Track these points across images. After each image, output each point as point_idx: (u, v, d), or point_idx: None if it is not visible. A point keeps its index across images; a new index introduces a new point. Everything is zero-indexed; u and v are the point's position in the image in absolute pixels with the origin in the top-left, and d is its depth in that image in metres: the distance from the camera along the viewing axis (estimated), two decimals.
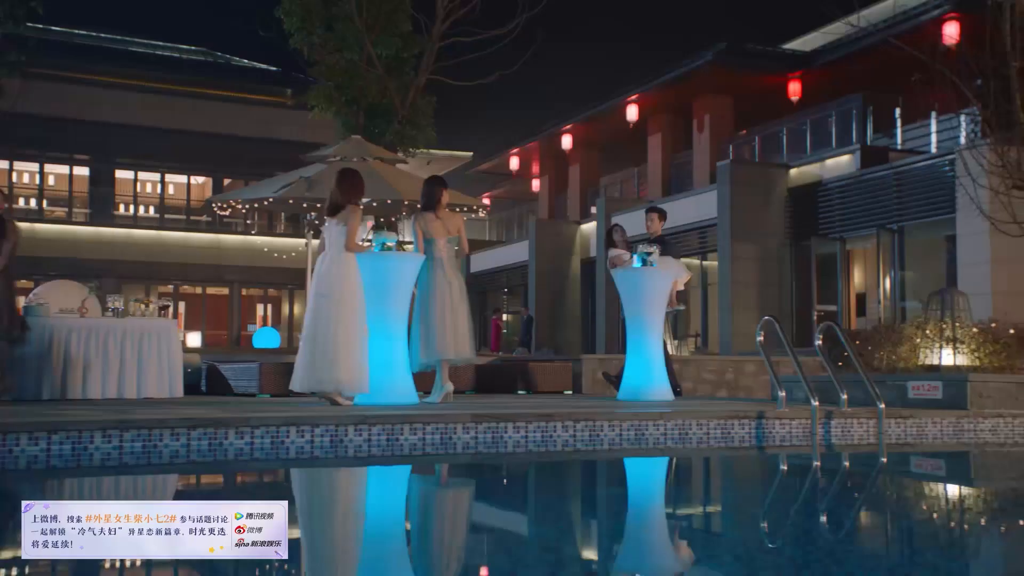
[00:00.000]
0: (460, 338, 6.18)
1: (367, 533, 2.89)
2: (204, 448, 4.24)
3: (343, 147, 8.24)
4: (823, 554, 2.46)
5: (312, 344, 5.69)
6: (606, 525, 3.16)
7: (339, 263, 5.81)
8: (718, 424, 5.02)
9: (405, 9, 12.08)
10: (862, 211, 15.42)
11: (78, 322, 7.15)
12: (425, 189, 6.33)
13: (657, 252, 6.90)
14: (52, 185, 25.30)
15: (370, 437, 4.51)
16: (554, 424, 4.80)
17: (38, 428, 3.98)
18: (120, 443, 4.10)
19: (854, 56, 17.33)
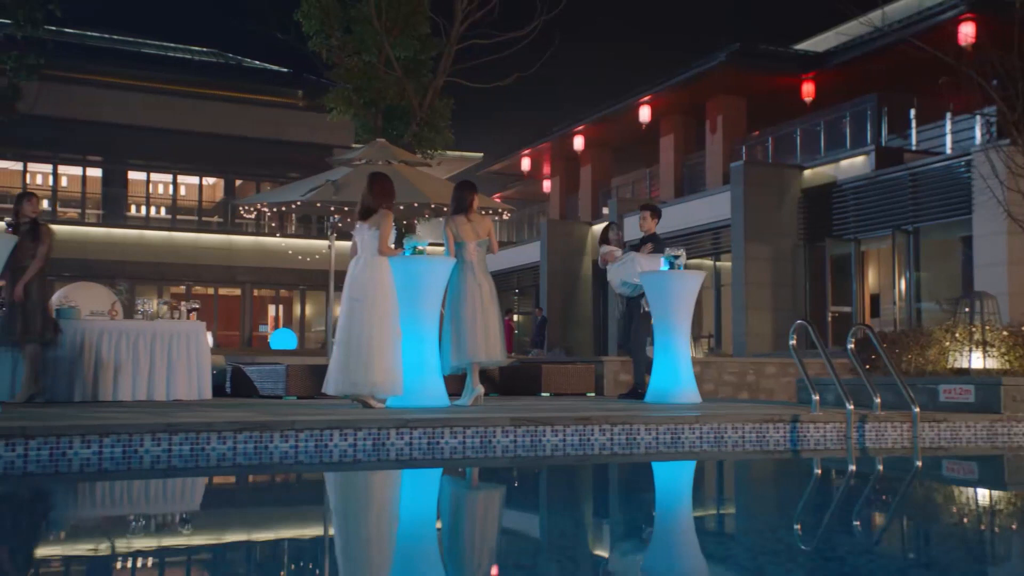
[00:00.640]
0: (491, 341, 6.22)
1: (424, 537, 2.93)
2: (250, 451, 4.29)
3: (368, 150, 8.29)
4: (883, 561, 2.49)
5: (346, 347, 5.74)
6: (657, 529, 3.19)
7: (372, 267, 5.86)
8: (753, 428, 5.05)
9: (423, 12, 12.13)
10: (877, 212, 15.41)
11: (109, 324, 7.22)
12: (456, 193, 6.37)
13: (684, 255, 6.92)
14: (65, 186, 25.44)
15: (411, 440, 4.56)
16: (591, 428, 4.83)
17: (90, 431, 4.03)
18: (169, 446, 4.15)
19: (868, 57, 17.32)
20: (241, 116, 25.43)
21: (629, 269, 7.21)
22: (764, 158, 18.59)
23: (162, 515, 3.40)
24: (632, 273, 7.18)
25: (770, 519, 3.27)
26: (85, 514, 3.42)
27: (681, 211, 18.91)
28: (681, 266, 6.86)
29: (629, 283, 7.27)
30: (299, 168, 26.56)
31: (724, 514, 3.46)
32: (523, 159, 24.80)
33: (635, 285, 7.24)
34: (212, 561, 2.59)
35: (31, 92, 15.77)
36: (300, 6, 12.13)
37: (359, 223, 6.00)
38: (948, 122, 15.85)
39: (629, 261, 7.26)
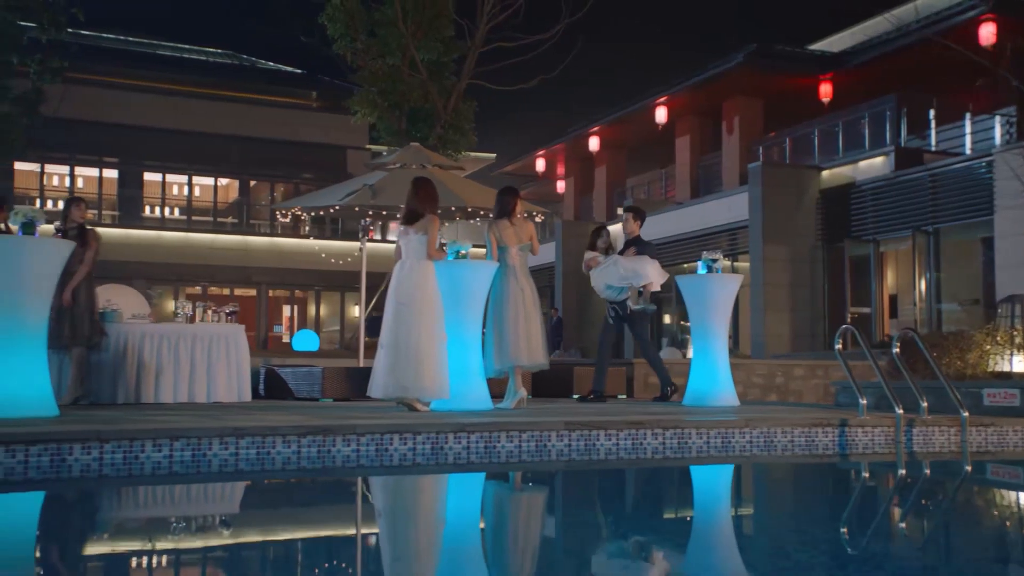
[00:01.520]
0: (533, 344, 6.28)
1: (502, 540, 2.99)
2: (314, 455, 4.35)
3: (402, 154, 8.35)
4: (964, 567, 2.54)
5: (394, 351, 5.79)
6: (724, 532, 3.24)
7: (418, 271, 5.92)
8: (802, 432, 5.09)
9: (448, 14, 12.19)
10: (897, 213, 15.42)
11: (150, 327, 7.30)
12: (499, 198, 6.42)
13: (722, 259, 6.96)
14: (81, 187, 25.60)
15: (469, 444, 4.61)
16: (644, 432, 4.88)
17: (161, 435, 4.10)
18: (236, 450, 4.22)
19: (887, 57, 17.31)
20: (255, 117, 25.55)
21: (611, 272, 7.22)
22: (781, 159, 18.60)
23: (244, 517, 3.47)
24: (615, 276, 7.18)
25: (844, 525, 3.31)
26: (174, 516, 3.49)
27: (698, 212, 18.93)
28: (719, 269, 6.91)
29: (613, 287, 7.27)
30: (313, 169, 26.73)
31: (796, 519, 3.51)
32: (537, 160, 24.85)
33: (619, 288, 7.24)
34: (300, 559, 2.65)
35: (55, 95, 15.89)
36: (325, 10, 12.20)
37: (403, 227, 6.05)
38: (968, 122, 15.85)
39: (611, 264, 7.26)
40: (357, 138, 26.24)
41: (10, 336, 5.06)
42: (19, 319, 5.07)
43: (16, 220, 5.15)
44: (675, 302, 20.32)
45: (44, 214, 5.24)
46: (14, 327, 5.07)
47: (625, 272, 7.11)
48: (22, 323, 5.09)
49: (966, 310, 14.63)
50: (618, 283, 7.19)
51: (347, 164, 26.68)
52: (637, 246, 7.44)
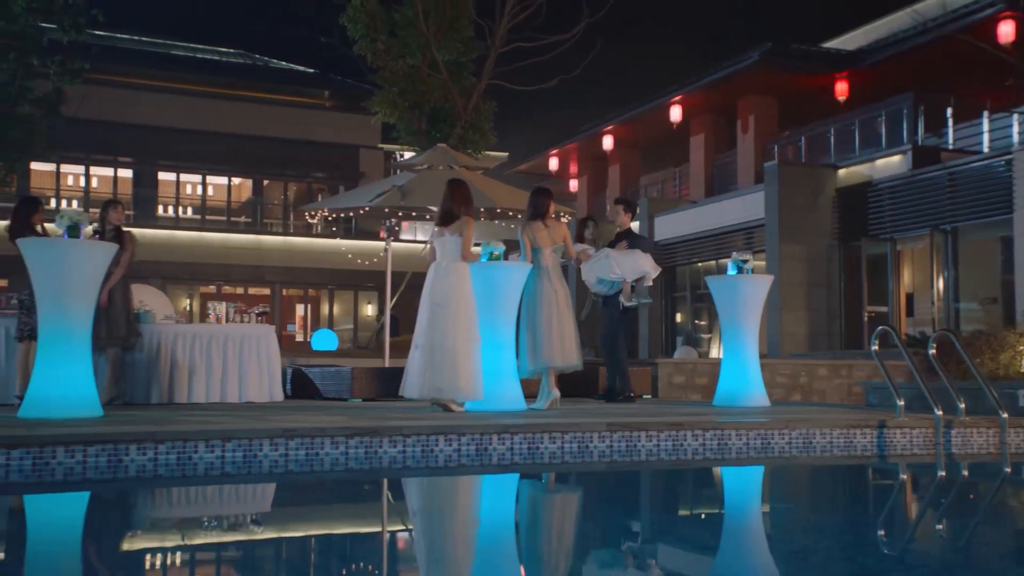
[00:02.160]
0: (567, 345, 6.31)
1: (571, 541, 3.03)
2: (361, 456, 4.40)
3: (430, 155, 8.39)
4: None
5: (429, 352, 5.83)
6: (776, 534, 3.28)
7: (454, 273, 5.96)
8: (841, 433, 5.11)
9: (468, 15, 12.22)
10: (914, 212, 15.38)
11: (183, 328, 7.37)
12: (532, 200, 6.46)
13: (752, 260, 6.97)
14: (96, 187, 25.75)
15: (512, 446, 4.66)
16: (684, 433, 4.92)
17: (214, 436, 4.16)
18: (286, 451, 4.27)
19: (903, 55, 17.25)
20: (268, 117, 25.64)
21: (604, 266, 7.04)
22: (796, 158, 18.57)
23: (300, 516, 3.52)
24: (607, 269, 7.01)
25: (900, 529, 3.34)
26: (236, 515, 3.54)
27: (714, 211, 18.92)
28: (749, 270, 6.93)
29: (606, 280, 7.09)
30: (326, 168, 26.81)
31: (851, 522, 3.54)
32: (551, 158, 24.86)
33: (611, 282, 7.08)
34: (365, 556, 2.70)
35: (76, 96, 15.99)
36: (345, 11, 12.25)
37: (439, 229, 6.09)
38: (985, 121, 15.79)
39: (603, 258, 7.06)
40: (370, 137, 26.30)
41: (58, 338, 5.13)
42: (66, 321, 5.14)
43: (62, 223, 5.21)
44: (690, 300, 20.33)
45: (88, 217, 5.30)
46: (61, 329, 5.13)
47: (620, 267, 6.91)
48: (69, 325, 5.15)
49: (985, 309, 14.59)
50: (611, 277, 7.01)
51: (359, 163, 26.76)
52: (629, 239, 7.28)
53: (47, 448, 3.85)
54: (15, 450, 3.80)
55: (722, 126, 20.86)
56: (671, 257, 20.17)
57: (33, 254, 5.22)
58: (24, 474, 3.81)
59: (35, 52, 14.69)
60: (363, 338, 24.69)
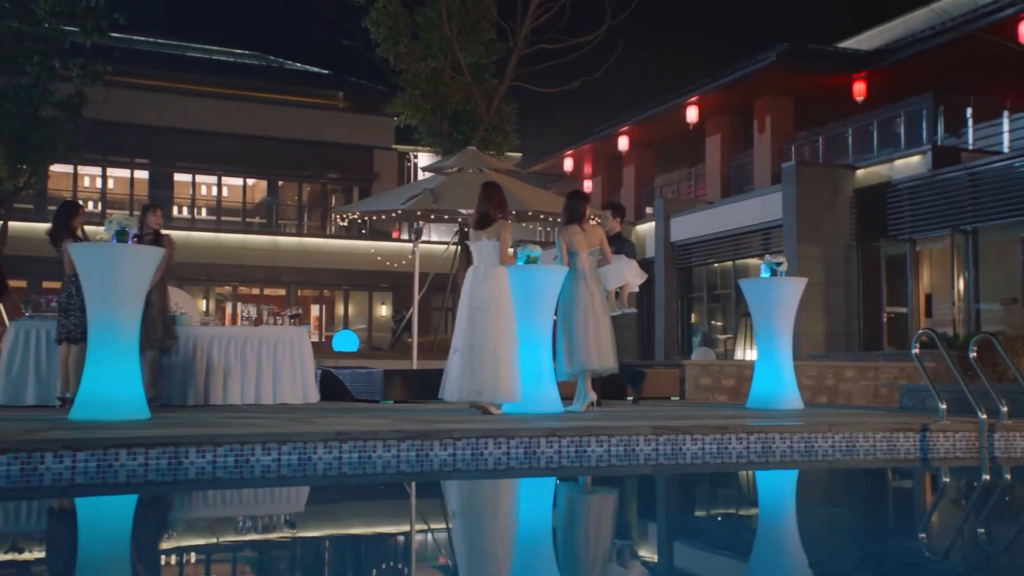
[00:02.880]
0: (603, 348, 6.34)
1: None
2: (412, 459, 4.45)
3: (460, 158, 8.44)
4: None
5: (469, 355, 5.87)
6: (835, 537, 3.30)
7: (493, 276, 6.00)
8: (884, 437, 5.13)
9: (490, 17, 12.26)
10: (934, 212, 15.34)
11: (218, 330, 7.43)
12: (568, 203, 6.49)
13: (786, 263, 6.99)
14: (112, 188, 25.93)
15: (560, 449, 4.69)
16: (728, 436, 4.95)
17: (270, 439, 4.21)
18: (340, 454, 4.32)
19: (922, 55, 17.20)
20: (283, 118, 25.75)
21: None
22: (813, 158, 18.54)
23: (364, 517, 3.57)
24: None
25: (963, 533, 3.36)
26: (312, 518, 3.60)
27: (730, 211, 18.91)
28: (783, 273, 6.94)
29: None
30: (340, 169, 26.90)
31: (909, 527, 3.56)
32: (565, 159, 24.89)
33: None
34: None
35: (98, 98, 16.11)
36: (368, 14, 12.31)
37: (476, 232, 6.13)
38: (1006, 120, 15.74)
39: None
40: (384, 138, 26.39)
41: (107, 341, 5.19)
42: (115, 325, 5.21)
43: (110, 228, 5.27)
44: (706, 301, 20.32)
45: (136, 222, 5.37)
46: (111, 333, 5.20)
47: (603, 275, 6.63)
48: (118, 329, 5.22)
49: (1006, 310, 14.54)
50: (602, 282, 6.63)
51: (374, 164, 26.84)
52: (616, 243, 7.01)
53: (111, 451, 3.91)
54: (80, 452, 3.86)
55: (738, 126, 20.84)
56: (687, 258, 20.17)
57: (83, 259, 5.29)
58: (89, 476, 3.87)
59: (58, 55, 14.82)
60: (377, 339, 24.76)
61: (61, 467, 3.83)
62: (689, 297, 20.67)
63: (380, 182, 26.69)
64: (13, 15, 14.04)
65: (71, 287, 6.51)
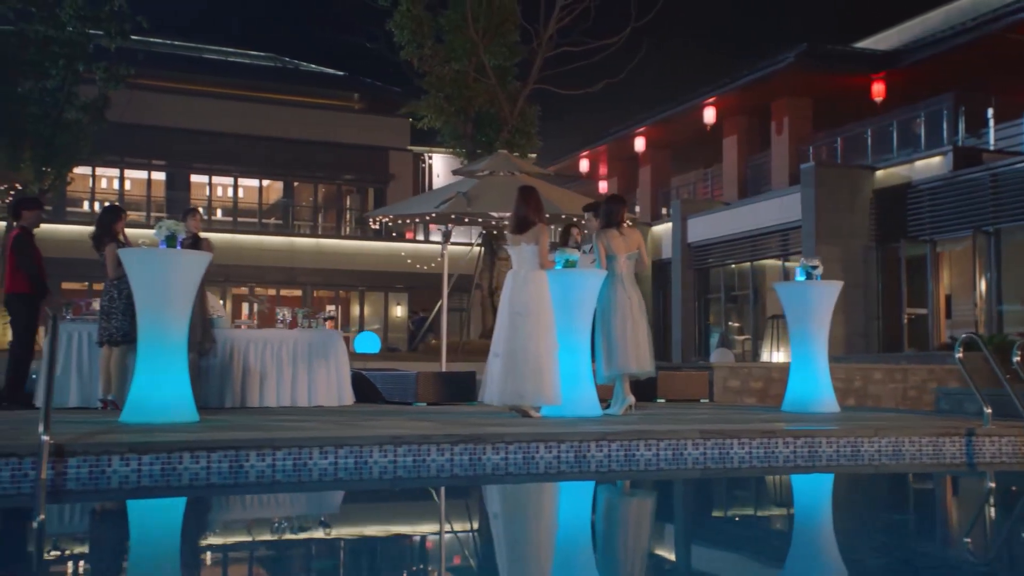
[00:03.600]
0: (641, 352, 6.37)
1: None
2: (465, 463, 4.49)
3: (491, 161, 8.48)
4: None
5: (510, 359, 5.91)
6: (911, 544, 3.32)
7: (532, 281, 6.03)
8: (930, 441, 5.14)
9: (514, 20, 12.30)
10: (955, 213, 15.28)
11: (254, 333, 7.49)
12: (606, 207, 6.52)
13: (822, 267, 7.01)
14: (129, 190, 26.10)
15: (609, 453, 4.73)
16: (775, 441, 4.97)
17: (327, 443, 4.26)
18: (394, 457, 4.37)
19: (943, 55, 17.13)
20: (298, 119, 25.87)
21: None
22: (831, 159, 18.50)
23: (423, 520, 3.61)
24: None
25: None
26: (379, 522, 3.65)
27: (748, 212, 18.89)
28: (819, 276, 6.96)
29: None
30: (355, 170, 27.00)
31: (979, 534, 3.58)
32: (581, 160, 24.90)
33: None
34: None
35: (121, 101, 16.25)
36: (393, 17, 12.36)
37: (514, 236, 6.16)
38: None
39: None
40: (399, 139, 26.47)
41: (158, 346, 5.26)
42: (165, 329, 5.27)
43: (160, 233, 5.34)
44: (723, 302, 20.31)
45: (185, 227, 5.43)
46: (161, 337, 5.27)
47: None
48: (168, 333, 5.28)
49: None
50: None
51: (389, 165, 26.93)
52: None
53: (175, 454, 3.97)
54: (146, 455, 3.92)
55: (755, 127, 20.81)
56: (704, 259, 20.15)
57: (134, 264, 5.35)
58: (154, 479, 3.93)
59: (82, 59, 14.96)
60: (393, 339, 24.84)
61: (127, 470, 3.89)
62: (706, 298, 20.66)
63: (395, 183, 26.78)
64: (40, 20, 14.18)
65: (113, 291, 6.59)
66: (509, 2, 12.15)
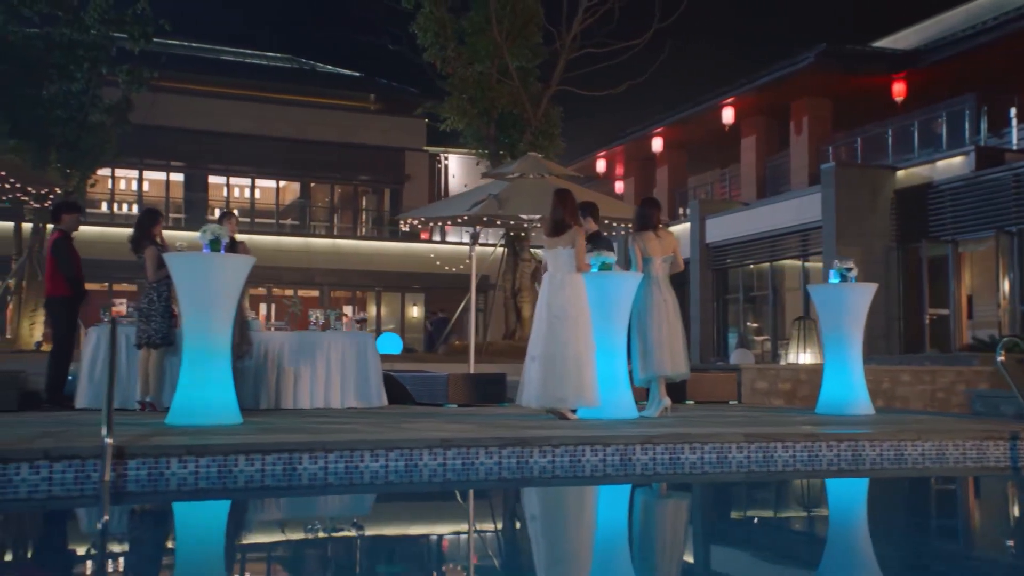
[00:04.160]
0: (676, 354, 6.39)
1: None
2: (513, 466, 4.52)
3: (522, 164, 8.51)
4: None
5: (549, 362, 5.93)
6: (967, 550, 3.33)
7: (570, 285, 6.05)
8: (973, 445, 5.13)
9: (538, 21, 12.32)
10: (978, 213, 15.19)
11: (287, 335, 7.55)
12: (642, 210, 6.54)
13: (856, 269, 6.99)
14: (148, 191, 26.30)
15: (655, 456, 4.74)
16: (819, 444, 4.97)
17: (378, 446, 4.30)
18: (444, 460, 4.40)
19: (965, 54, 17.03)
20: (315, 120, 25.99)
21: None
22: (851, 159, 18.42)
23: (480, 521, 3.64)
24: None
25: None
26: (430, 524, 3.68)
27: (767, 212, 18.83)
28: (853, 278, 6.94)
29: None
30: (371, 170, 27.10)
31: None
32: (598, 160, 24.89)
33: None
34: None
35: (144, 103, 16.38)
36: (416, 19, 12.40)
37: (550, 239, 6.19)
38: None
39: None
40: (415, 140, 26.55)
41: (203, 349, 5.32)
42: (210, 332, 5.33)
43: (204, 237, 5.40)
44: (741, 302, 20.25)
45: (227, 231, 5.49)
46: (206, 340, 5.32)
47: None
48: (212, 336, 5.34)
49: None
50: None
51: (405, 165, 27.01)
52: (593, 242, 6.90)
53: (231, 456, 4.02)
54: (203, 458, 3.97)
55: (774, 128, 20.75)
56: (722, 259, 20.11)
57: (179, 267, 5.41)
58: (211, 481, 3.98)
59: (106, 62, 15.08)
60: (410, 340, 24.90)
61: (185, 472, 3.95)
62: (724, 299, 20.61)
63: (411, 183, 26.86)
64: (65, 23, 14.32)
65: (152, 293, 6.66)
66: (532, 3, 12.17)
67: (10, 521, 3.59)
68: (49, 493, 3.72)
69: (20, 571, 2.79)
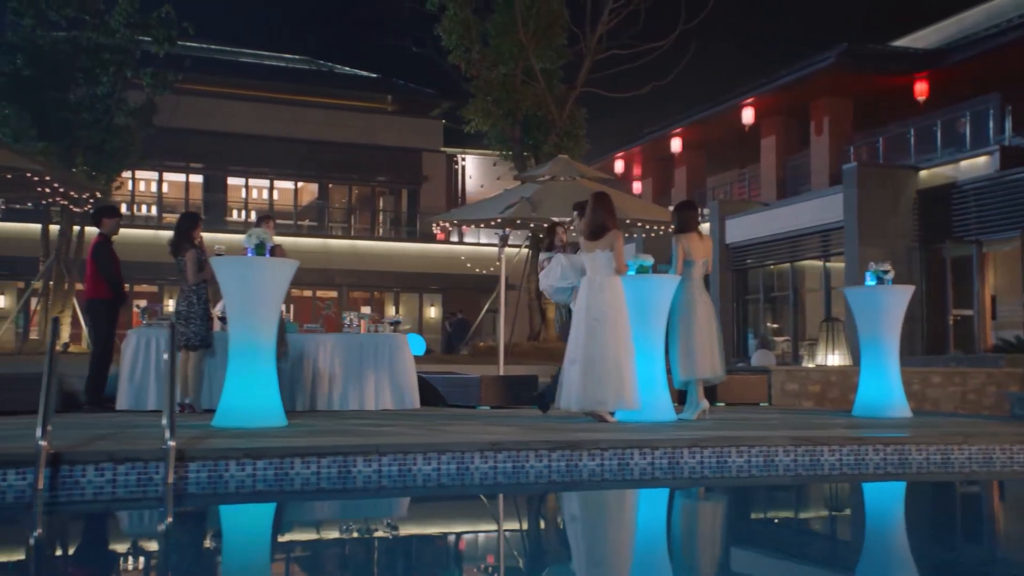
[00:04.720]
0: (715, 357, 6.39)
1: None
2: (563, 469, 4.54)
3: (554, 167, 8.53)
4: None
5: (589, 366, 5.94)
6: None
7: (609, 288, 6.06)
8: (1021, 448, 5.10)
9: (562, 23, 12.33)
10: (1002, 213, 15.08)
11: (322, 337, 7.60)
12: (682, 213, 6.54)
13: (892, 271, 6.97)
14: (167, 192, 26.50)
15: (702, 459, 4.75)
16: (865, 448, 4.96)
17: (431, 449, 4.33)
18: (495, 463, 4.43)
19: (988, 54, 16.91)
20: (333, 122, 26.10)
21: (555, 272, 6.48)
22: (872, 159, 18.32)
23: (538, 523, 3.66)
24: (558, 276, 6.42)
25: None
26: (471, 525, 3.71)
27: (788, 213, 18.76)
28: (890, 280, 6.92)
29: (565, 288, 6.44)
30: (389, 171, 27.20)
31: None
32: (616, 160, 24.87)
33: (567, 289, 6.45)
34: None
35: (168, 106, 16.51)
36: (440, 22, 12.45)
37: (588, 242, 6.20)
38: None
39: (555, 264, 6.50)
40: (432, 140, 26.61)
41: (248, 351, 5.37)
42: (256, 335, 5.38)
43: (249, 242, 5.45)
44: (762, 302, 20.18)
45: (271, 236, 5.54)
46: (252, 343, 5.37)
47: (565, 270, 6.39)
48: (257, 339, 5.39)
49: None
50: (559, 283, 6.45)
51: (423, 166, 27.09)
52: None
53: (287, 459, 4.06)
54: (260, 461, 4.02)
55: (794, 127, 20.66)
56: (742, 259, 20.04)
57: (225, 271, 5.47)
58: (268, 483, 4.02)
59: (131, 65, 15.22)
60: (427, 341, 24.95)
61: (243, 474, 3.99)
62: (744, 299, 20.54)
63: (428, 184, 26.93)
64: (92, 27, 14.46)
65: (192, 296, 6.73)
66: (557, 5, 12.18)
67: (79, 521, 3.65)
68: (113, 495, 3.78)
69: (93, 571, 2.84)
